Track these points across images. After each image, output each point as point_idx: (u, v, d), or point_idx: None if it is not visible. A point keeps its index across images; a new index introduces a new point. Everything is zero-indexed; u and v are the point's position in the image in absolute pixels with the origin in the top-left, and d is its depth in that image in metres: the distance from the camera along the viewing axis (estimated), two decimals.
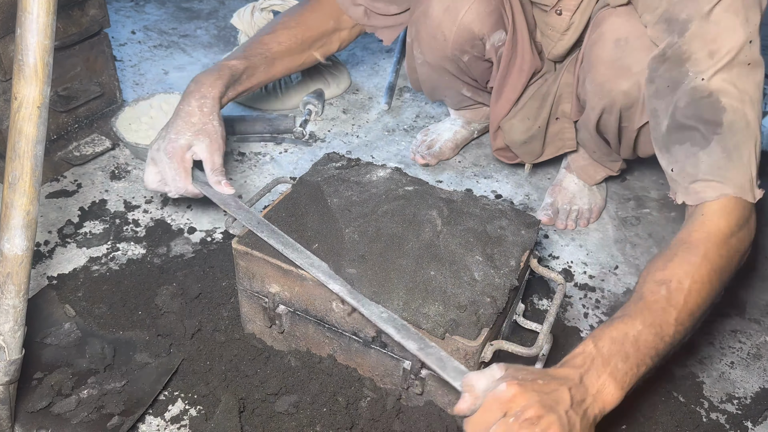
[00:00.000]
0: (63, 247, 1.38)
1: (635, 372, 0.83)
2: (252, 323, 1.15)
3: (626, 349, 0.83)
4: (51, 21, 0.82)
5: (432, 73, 1.49)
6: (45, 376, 1.07)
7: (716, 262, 0.92)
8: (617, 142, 1.34)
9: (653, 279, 0.91)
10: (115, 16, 2.40)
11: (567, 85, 1.39)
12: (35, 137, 0.85)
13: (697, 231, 0.95)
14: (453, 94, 1.59)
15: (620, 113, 1.23)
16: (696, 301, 0.90)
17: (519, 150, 1.52)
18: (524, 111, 1.45)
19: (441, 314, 0.92)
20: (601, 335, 0.84)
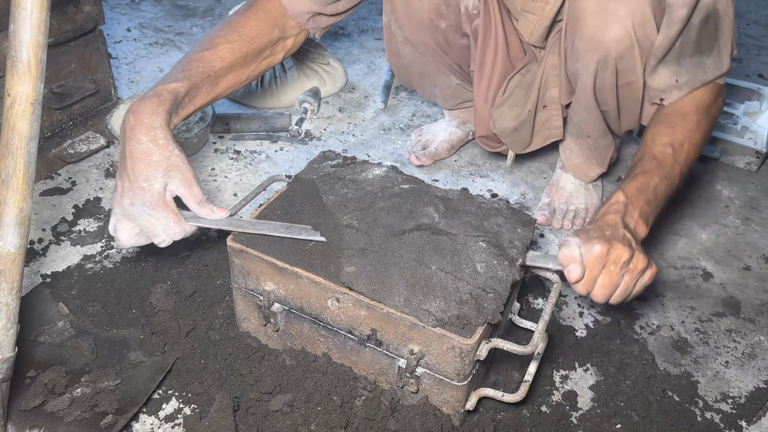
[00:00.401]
0: (57, 244, 1.38)
1: (655, 213, 1.06)
2: (247, 321, 1.15)
3: (648, 197, 1.05)
4: (45, 17, 0.82)
5: (415, 53, 1.48)
6: (38, 375, 1.06)
7: (704, 128, 1.18)
8: (617, 110, 1.32)
9: (661, 142, 1.13)
10: (110, 13, 2.40)
11: (553, 67, 1.38)
12: (28, 134, 0.84)
13: (688, 105, 1.19)
14: (442, 84, 1.58)
15: (616, 68, 1.22)
16: (692, 158, 1.15)
17: (508, 139, 1.51)
18: (512, 99, 1.44)
19: (443, 310, 0.92)
20: (628, 187, 1.05)
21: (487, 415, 1.07)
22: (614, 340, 1.26)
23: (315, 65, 1.97)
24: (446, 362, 0.94)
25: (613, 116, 1.34)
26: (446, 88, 1.60)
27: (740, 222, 1.61)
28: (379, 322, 0.96)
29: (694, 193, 1.69)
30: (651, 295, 1.37)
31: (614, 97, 1.28)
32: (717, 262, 1.48)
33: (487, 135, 1.55)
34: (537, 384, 1.15)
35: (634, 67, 1.21)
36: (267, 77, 1.90)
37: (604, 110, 1.34)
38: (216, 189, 1.58)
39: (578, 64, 1.27)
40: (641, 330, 1.29)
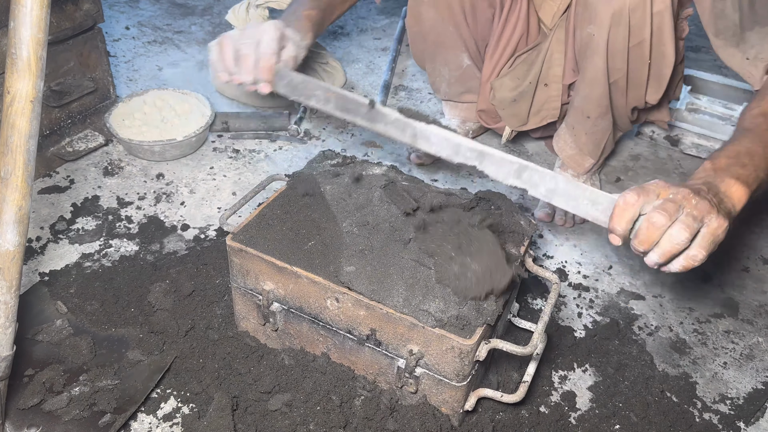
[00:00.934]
0: (55, 243, 1.37)
1: (755, 175, 0.90)
2: (245, 321, 1.14)
3: (741, 160, 0.91)
4: (45, 14, 0.81)
5: (437, 17, 1.48)
6: (36, 373, 1.06)
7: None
8: (626, 79, 1.30)
9: (751, 114, 1.03)
10: (109, 11, 2.39)
11: (558, 42, 1.39)
12: (28, 132, 0.84)
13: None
14: (454, 60, 1.58)
15: (629, 22, 1.22)
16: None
17: (506, 111, 1.51)
18: (514, 72, 1.46)
19: (442, 310, 0.92)
20: (715, 156, 0.93)
21: (486, 416, 1.07)
22: (613, 341, 1.26)
23: (314, 64, 1.96)
24: (445, 363, 0.94)
25: (621, 86, 1.33)
26: (456, 69, 1.60)
27: (739, 223, 1.61)
28: (379, 322, 0.96)
29: None
30: (649, 295, 1.38)
31: (625, 60, 1.28)
32: (715, 263, 1.48)
33: (486, 108, 1.56)
34: (536, 384, 1.15)
35: (645, 21, 1.22)
36: None
37: (613, 80, 1.33)
38: (215, 188, 1.58)
39: (591, 26, 1.27)
40: (640, 331, 1.29)
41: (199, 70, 2.08)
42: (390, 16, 2.54)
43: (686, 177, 1.75)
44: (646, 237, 0.81)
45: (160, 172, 1.61)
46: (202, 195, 1.56)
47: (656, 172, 1.76)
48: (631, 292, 1.38)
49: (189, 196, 1.55)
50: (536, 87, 1.46)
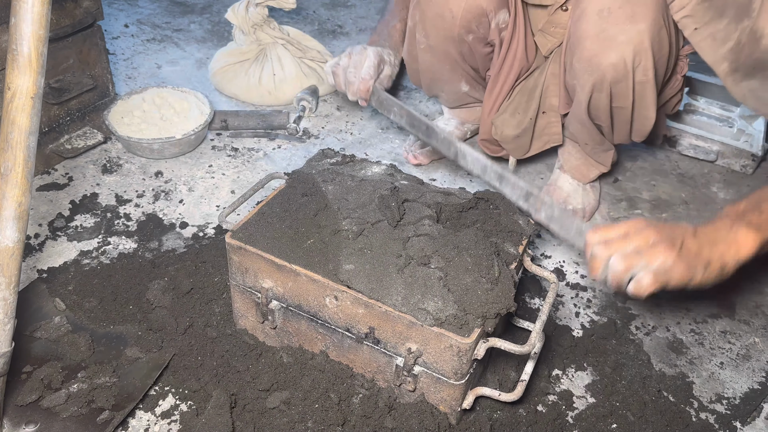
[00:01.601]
0: (53, 240, 1.37)
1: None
2: (244, 319, 1.15)
3: (761, 207, 0.93)
4: (46, 11, 0.82)
5: (434, 60, 1.49)
6: (34, 370, 1.06)
7: None
8: (610, 126, 1.34)
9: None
10: (108, 9, 2.39)
11: (553, 76, 1.40)
12: (28, 128, 0.84)
13: None
14: (451, 89, 1.59)
15: (611, 90, 1.24)
16: None
17: (509, 145, 1.52)
18: (513, 105, 1.47)
19: (440, 309, 0.92)
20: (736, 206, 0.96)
21: (483, 414, 1.07)
22: (610, 341, 1.26)
23: (313, 63, 1.96)
24: (444, 361, 0.94)
25: (607, 131, 1.38)
26: (453, 94, 1.61)
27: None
28: (377, 321, 0.96)
29: (690, 194, 1.70)
30: None
31: (608, 117, 1.31)
32: None
33: (489, 139, 1.56)
34: (533, 383, 1.15)
35: (628, 93, 1.23)
36: (265, 74, 1.90)
37: (598, 124, 1.36)
38: (213, 186, 1.58)
39: (575, 81, 1.29)
40: (637, 330, 1.30)
41: (198, 68, 2.08)
42: None
43: (684, 177, 1.76)
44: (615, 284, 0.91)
45: (159, 170, 1.61)
46: (200, 193, 1.56)
47: (654, 173, 1.76)
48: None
49: (188, 194, 1.55)
50: (537, 117, 1.47)
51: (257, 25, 1.90)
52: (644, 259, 0.87)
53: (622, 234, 0.91)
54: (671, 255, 0.87)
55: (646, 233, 0.89)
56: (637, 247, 0.88)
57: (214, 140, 1.74)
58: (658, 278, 0.88)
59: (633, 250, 0.88)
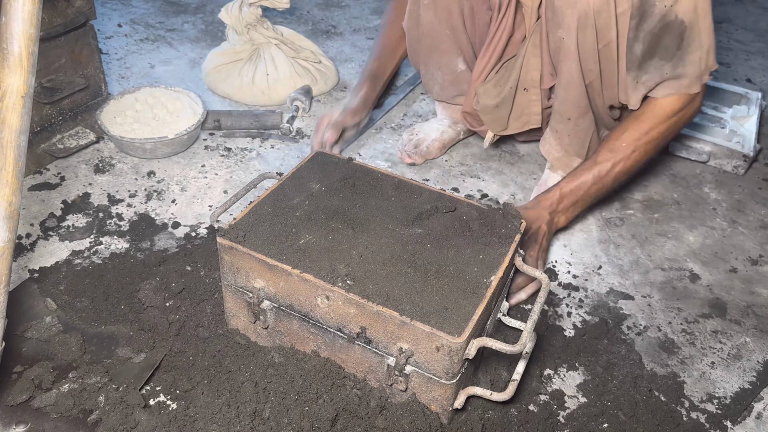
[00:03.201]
0: (45, 240, 1.37)
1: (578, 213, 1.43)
2: (236, 319, 1.14)
3: (576, 199, 1.39)
4: (37, 10, 0.81)
5: (435, 21, 1.49)
6: (25, 370, 1.06)
7: (656, 136, 1.36)
8: (599, 76, 1.35)
9: (607, 147, 1.38)
10: (101, 8, 2.38)
11: (534, 47, 1.41)
12: (19, 127, 0.84)
13: (648, 111, 1.36)
14: (448, 66, 1.58)
15: (595, 25, 1.25)
16: (634, 163, 1.38)
17: (488, 117, 1.53)
18: (497, 77, 1.48)
19: (431, 309, 0.93)
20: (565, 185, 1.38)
21: (475, 414, 1.07)
22: (602, 340, 1.26)
23: (307, 63, 1.96)
24: (435, 361, 0.94)
25: (596, 87, 1.37)
26: (449, 73, 1.61)
27: (727, 224, 1.62)
28: (369, 320, 0.96)
29: (681, 195, 1.71)
30: (638, 295, 1.39)
31: (596, 61, 1.31)
32: (704, 264, 1.49)
33: (471, 111, 1.58)
34: (525, 383, 1.16)
35: (611, 23, 1.25)
36: (258, 74, 1.90)
37: (588, 82, 1.36)
38: (206, 186, 1.58)
39: (560, 30, 1.29)
40: (629, 330, 1.30)
41: (191, 68, 2.07)
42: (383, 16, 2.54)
43: (676, 178, 1.77)
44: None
45: (152, 169, 1.61)
46: (193, 193, 1.55)
47: (646, 174, 1.77)
48: (620, 291, 1.39)
49: (180, 194, 1.55)
50: (516, 92, 1.48)
51: (251, 25, 1.90)
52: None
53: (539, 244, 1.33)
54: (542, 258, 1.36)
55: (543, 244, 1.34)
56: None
57: (207, 140, 1.74)
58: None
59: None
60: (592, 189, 1.37)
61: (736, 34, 2.71)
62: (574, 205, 1.38)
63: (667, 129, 1.36)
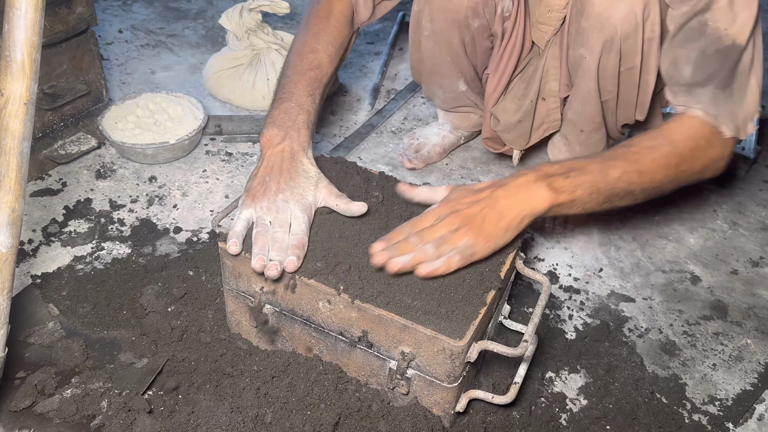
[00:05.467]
0: (47, 245, 1.37)
1: (571, 190, 1.02)
2: (238, 323, 1.15)
3: (569, 174, 1.02)
4: (39, 17, 0.82)
5: (436, 49, 1.48)
6: (28, 376, 1.06)
7: (680, 150, 1.10)
8: (615, 98, 1.32)
9: (622, 144, 1.13)
10: (102, 14, 2.39)
11: (553, 59, 1.40)
12: (21, 134, 0.85)
13: (680, 125, 1.13)
14: (449, 86, 1.58)
15: (620, 50, 1.23)
16: (648, 166, 1.08)
17: (510, 135, 1.51)
18: (512, 92, 1.46)
19: (434, 312, 0.93)
20: (550, 166, 1.05)
21: (477, 417, 1.08)
22: (603, 343, 1.27)
23: None
24: (437, 364, 0.95)
25: (612, 106, 1.35)
26: (450, 92, 1.61)
27: (728, 226, 1.62)
28: (370, 324, 0.97)
29: (682, 197, 1.71)
30: (639, 298, 1.39)
31: (615, 83, 1.29)
32: (705, 265, 1.49)
33: (491, 136, 1.56)
34: (527, 386, 1.16)
35: (637, 49, 1.22)
36: (259, 79, 1.90)
37: (604, 100, 1.34)
38: (207, 191, 1.58)
39: (582, 49, 1.27)
40: (630, 333, 1.30)
41: (192, 74, 2.08)
42: (383, 21, 2.55)
43: None
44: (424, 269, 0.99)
45: (153, 175, 1.61)
46: (194, 198, 1.56)
47: None
48: (621, 294, 1.39)
49: (181, 199, 1.55)
50: (536, 103, 1.47)
51: (251, 30, 1.91)
52: (449, 244, 0.97)
53: (430, 224, 1.00)
54: (472, 234, 0.98)
55: (450, 221, 0.99)
56: (444, 237, 0.98)
57: (208, 145, 1.75)
58: (464, 256, 0.98)
59: (440, 239, 0.97)
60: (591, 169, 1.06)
61: None
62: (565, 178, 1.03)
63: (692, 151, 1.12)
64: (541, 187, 1.00)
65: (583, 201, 1.03)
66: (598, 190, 1.04)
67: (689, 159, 1.11)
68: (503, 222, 0.99)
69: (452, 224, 0.98)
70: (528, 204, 1.00)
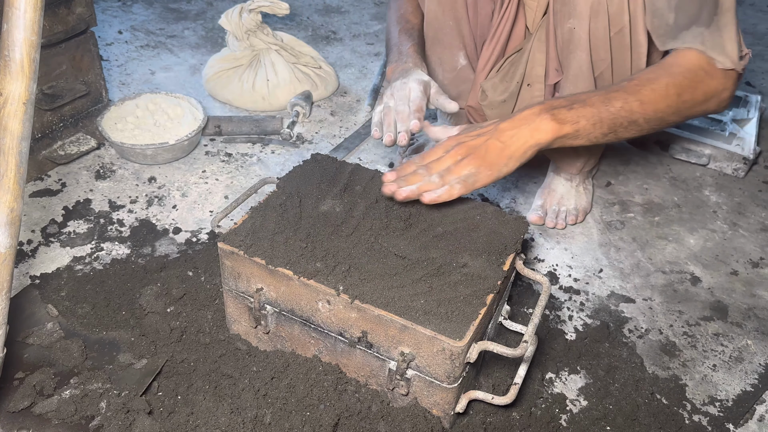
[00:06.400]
0: (46, 246, 1.37)
1: (575, 120, 1.06)
2: (237, 324, 1.15)
3: (573, 105, 1.07)
4: (38, 17, 0.82)
5: (439, 10, 1.48)
6: (26, 376, 1.06)
7: (679, 81, 1.12)
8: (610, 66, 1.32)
9: (623, 79, 1.18)
10: (102, 15, 2.39)
11: (540, 42, 1.40)
12: (20, 134, 0.84)
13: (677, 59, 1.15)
14: (449, 60, 1.57)
15: (608, 11, 1.23)
16: (649, 96, 1.10)
17: (493, 112, 1.52)
18: (503, 72, 1.47)
19: (433, 312, 0.93)
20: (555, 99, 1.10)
21: (477, 418, 1.07)
22: (603, 344, 1.26)
23: (307, 69, 1.97)
24: (436, 364, 0.94)
25: (607, 77, 1.34)
26: (450, 70, 1.59)
27: (728, 227, 1.62)
28: (370, 325, 0.96)
29: (682, 198, 1.71)
30: (639, 298, 1.39)
31: (608, 50, 1.29)
32: (705, 266, 1.49)
33: (475, 105, 1.57)
34: (527, 387, 1.16)
35: (623, 8, 1.23)
36: (259, 80, 1.90)
37: (598, 73, 1.33)
38: (207, 191, 1.58)
39: (571, 20, 1.27)
40: (630, 333, 1.30)
41: (192, 75, 2.08)
42: (383, 22, 2.55)
43: (676, 181, 1.77)
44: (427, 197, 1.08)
45: (152, 175, 1.61)
46: (194, 198, 1.56)
47: (646, 177, 1.77)
48: (621, 295, 1.39)
49: (181, 200, 1.55)
50: (521, 87, 1.47)
51: (251, 31, 1.91)
52: (453, 174, 1.04)
53: (437, 157, 1.07)
54: (475, 163, 1.04)
55: (455, 152, 1.05)
56: (449, 168, 1.04)
57: (208, 146, 1.75)
58: (466, 185, 1.04)
59: (446, 170, 1.04)
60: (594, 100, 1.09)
61: None
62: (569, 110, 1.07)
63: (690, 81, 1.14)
64: (545, 118, 1.04)
65: (587, 131, 1.07)
66: (600, 121, 1.07)
67: (689, 89, 1.13)
68: (507, 151, 1.05)
69: (457, 155, 1.05)
70: (532, 135, 1.05)
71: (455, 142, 1.08)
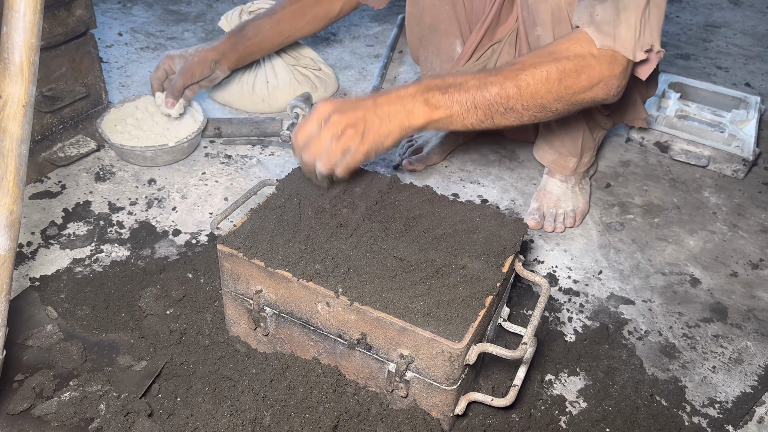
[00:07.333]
0: (46, 248, 1.37)
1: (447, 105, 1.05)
2: (236, 326, 1.15)
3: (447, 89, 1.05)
4: (38, 20, 0.82)
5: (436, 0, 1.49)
6: (26, 378, 1.06)
7: (563, 65, 1.07)
8: None
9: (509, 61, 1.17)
10: (102, 17, 2.39)
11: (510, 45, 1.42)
12: (20, 136, 0.85)
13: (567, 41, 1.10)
14: (446, 49, 1.56)
15: (568, 16, 1.21)
16: (527, 81, 1.06)
17: None
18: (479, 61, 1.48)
19: (432, 314, 0.93)
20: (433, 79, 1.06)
21: (476, 420, 1.07)
22: (603, 345, 1.26)
23: (307, 71, 1.97)
24: (435, 366, 0.94)
25: None
26: (447, 60, 1.59)
27: (727, 229, 1.62)
28: (369, 327, 0.96)
29: (681, 199, 1.71)
30: (639, 300, 1.39)
31: None
32: (704, 268, 1.49)
33: None
34: (526, 388, 1.16)
35: None
36: (258, 82, 1.90)
37: None
38: (207, 193, 1.58)
39: (538, 27, 1.28)
40: (629, 335, 1.30)
41: None
42: (383, 24, 2.56)
43: (675, 182, 1.77)
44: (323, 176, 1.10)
45: (152, 177, 1.61)
46: (193, 200, 1.56)
47: (646, 178, 1.77)
48: (621, 296, 1.39)
49: (181, 202, 1.55)
50: None
51: None
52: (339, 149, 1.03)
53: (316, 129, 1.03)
54: (356, 138, 1.02)
55: (335, 120, 1.02)
56: (331, 137, 1.02)
57: (208, 147, 1.75)
58: (347, 162, 1.05)
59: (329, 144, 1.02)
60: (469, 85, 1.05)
61: (735, 39, 2.72)
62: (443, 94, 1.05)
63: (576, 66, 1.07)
64: (418, 102, 1.04)
65: (461, 117, 1.06)
66: (475, 107, 1.05)
67: (572, 74, 1.07)
68: (383, 131, 1.04)
69: (338, 125, 1.02)
70: (406, 117, 1.04)
71: (330, 110, 1.03)
